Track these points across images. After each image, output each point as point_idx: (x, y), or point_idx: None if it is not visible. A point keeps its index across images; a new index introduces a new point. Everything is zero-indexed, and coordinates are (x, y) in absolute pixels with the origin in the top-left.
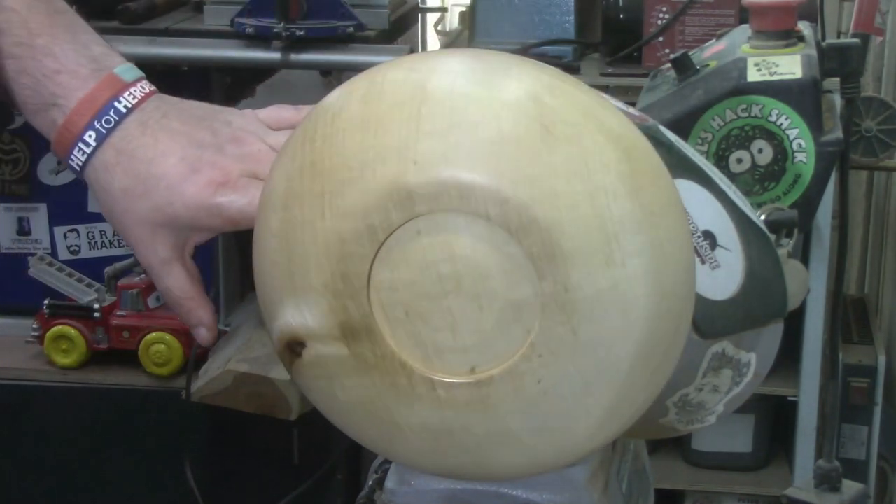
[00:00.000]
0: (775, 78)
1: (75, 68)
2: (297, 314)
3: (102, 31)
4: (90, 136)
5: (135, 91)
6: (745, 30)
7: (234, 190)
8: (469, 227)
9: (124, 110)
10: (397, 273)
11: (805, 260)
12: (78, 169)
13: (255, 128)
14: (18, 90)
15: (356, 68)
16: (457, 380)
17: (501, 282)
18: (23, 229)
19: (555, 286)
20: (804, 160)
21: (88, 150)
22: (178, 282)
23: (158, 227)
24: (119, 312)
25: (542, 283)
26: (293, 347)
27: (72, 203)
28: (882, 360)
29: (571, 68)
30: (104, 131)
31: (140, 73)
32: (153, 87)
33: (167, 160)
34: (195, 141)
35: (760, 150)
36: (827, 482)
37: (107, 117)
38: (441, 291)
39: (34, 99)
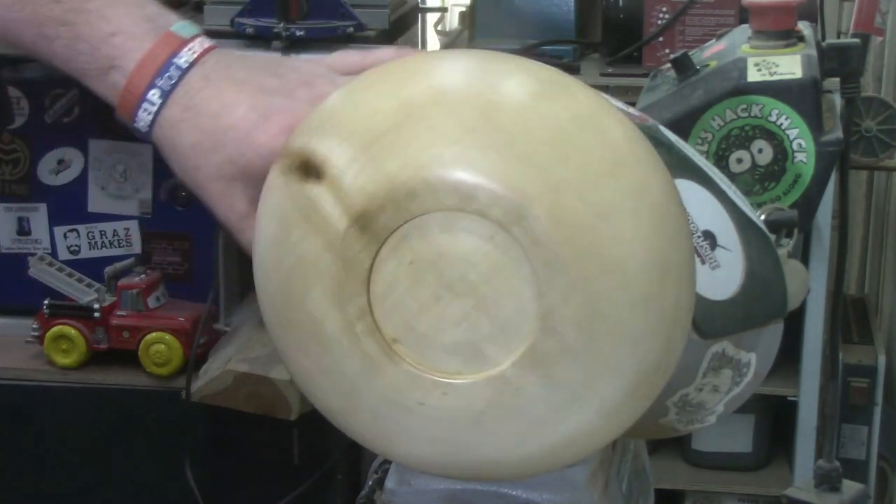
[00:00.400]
0: (775, 78)
1: (131, 29)
2: (345, 161)
3: None
4: (154, 95)
5: (193, 46)
6: (745, 30)
7: None
8: (533, 278)
9: (185, 66)
10: (434, 238)
11: (805, 260)
12: (145, 130)
13: (323, 72)
14: (75, 58)
15: None
16: (378, 330)
17: (494, 337)
18: (23, 229)
19: (518, 379)
20: (804, 160)
21: (153, 110)
22: None
23: (233, 181)
24: (119, 312)
25: (516, 367)
26: (309, 170)
27: (72, 203)
28: (882, 360)
29: (571, 68)
30: (167, 88)
31: (197, 30)
32: (213, 42)
33: (235, 111)
34: (263, 88)
35: (760, 150)
36: (827, 482)
37: (168, 74)
38: (448, 285)
39: (92, 64)
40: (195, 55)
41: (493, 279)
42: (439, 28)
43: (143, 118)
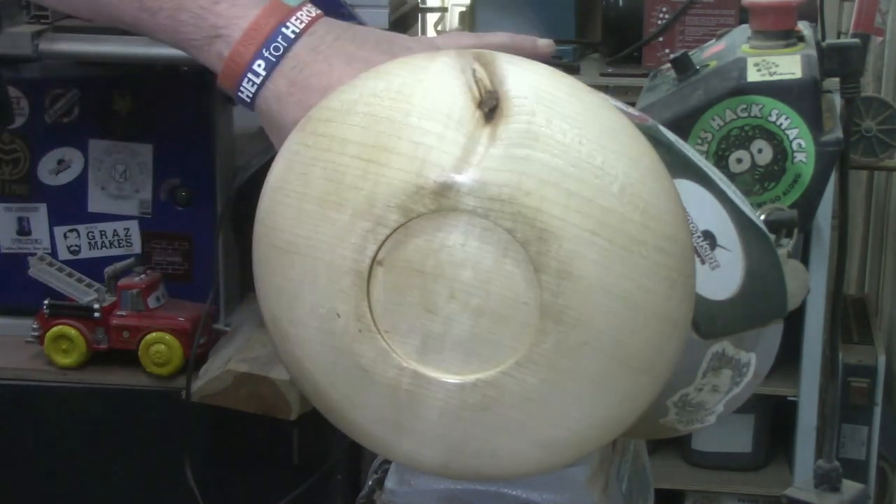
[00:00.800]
0: (775, 78)
1: None
2: (519, 139)
3: (103, 31)
4: (259, 66)
5: (301, 15)
6: (745, 30)
7: None
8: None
9: (292, 36)
10: (497, 258)
11: (805, 260)
12: (248, 101)
13: None
14: (180, 29)
15: None
16: (374, 253)
17: (468, 347)
18: (23, 229)
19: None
20: (804, 160)
21: (258, 81)
22: None
23: None
24: (119, 312)
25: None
26: (488, 102)
27: (72, 203)
28: (882, 360)
29: (571, 68)
30: (273, 59)
31: None
32: (319, 11)
33: None
34: (375, 66)
35: (760, 150)
36: (827, 482)
37: (275, 44)
38: (465, 288)
39: (196, 34)
40: (303, 25)
41: (497, 319)
42: (439, 28)
43: (247, 89)
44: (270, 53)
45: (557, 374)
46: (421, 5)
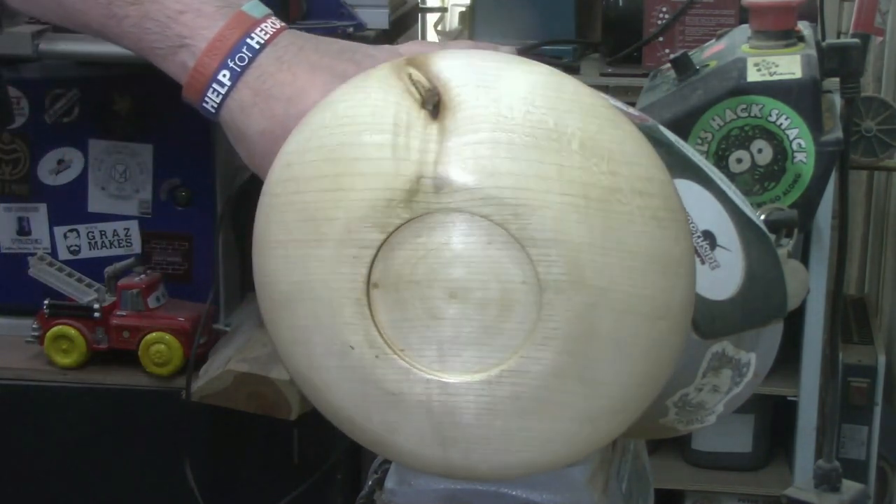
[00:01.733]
0: (775, 78)
1: (199, 6)
2: (471, 126)
3: None
4: (224, 76)
5: (266, 27)
6: (745, 30)
7: None
8: (537, 319)
9: (257, 47)
10: (481, 244)
11: (805, 260)
12: (213, 111)
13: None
14: (144, 37)
15: None
16: (369, 266)
17: (468, 348)
18: (23, 229)
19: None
20: (804, 160)
21: (223, 91)
22: None
23: None
24: (119, 312)
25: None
26: (431, 100)
27: (72, 203)
28: (882, 360)
29: (571, 68)
30: (238, 70)
31: (268, 10)
32: (284, 23)
33: (308, 97)
34: (338, 74)
35: (760, 150)
36: (827, 482)
37: (240, 55)
38: (461, 285)
39: (161, 43)
40: (268, 36)
41: (502, 306)
42: (439, 28)
43: (212, 99)
44: (235, 64)
45: (574, 343)
46: (421, 5)
